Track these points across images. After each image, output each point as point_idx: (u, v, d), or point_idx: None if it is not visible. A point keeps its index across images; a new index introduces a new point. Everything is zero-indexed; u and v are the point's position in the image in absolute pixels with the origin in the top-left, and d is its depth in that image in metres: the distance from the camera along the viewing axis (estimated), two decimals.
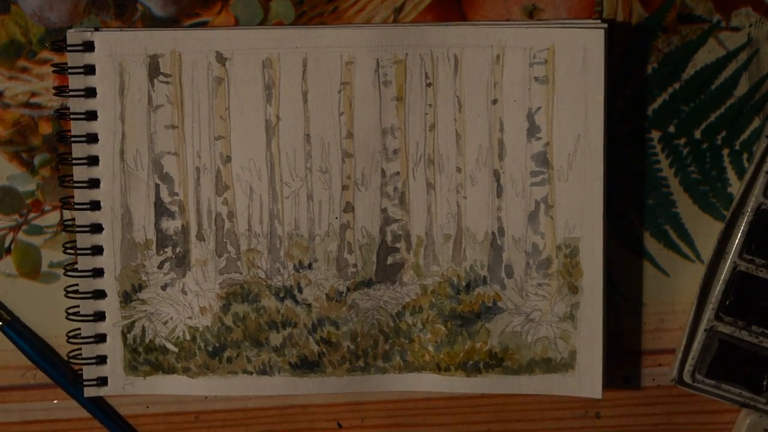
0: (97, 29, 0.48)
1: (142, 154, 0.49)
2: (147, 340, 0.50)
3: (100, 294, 0.50)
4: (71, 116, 0.48)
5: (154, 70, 0.48)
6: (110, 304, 0.50)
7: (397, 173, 0.49)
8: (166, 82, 0.48)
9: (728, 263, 0.48)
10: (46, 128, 0.49)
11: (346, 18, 0.49)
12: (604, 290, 0.49)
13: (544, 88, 0.48)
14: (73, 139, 0.49)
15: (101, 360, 0.50)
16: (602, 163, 0.48)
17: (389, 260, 0.49)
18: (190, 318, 0.50)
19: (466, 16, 0.49)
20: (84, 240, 0.49)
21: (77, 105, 0.48)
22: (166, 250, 0.49)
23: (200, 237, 0.49)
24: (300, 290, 0.50)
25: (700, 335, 0.49)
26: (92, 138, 0.49)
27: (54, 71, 0.49)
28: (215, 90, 0.48)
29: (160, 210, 0.49)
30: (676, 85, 0.50)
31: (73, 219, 0.49)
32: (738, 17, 0.49)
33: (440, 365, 0.50)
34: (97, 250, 0.49)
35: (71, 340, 0.50)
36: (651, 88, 0.50)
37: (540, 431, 0.52)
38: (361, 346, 0.50)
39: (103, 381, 0.50)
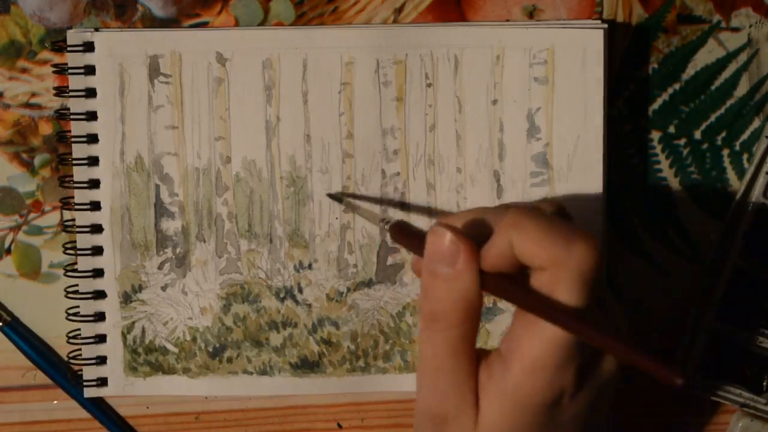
0: (97, 30, 0.48)
1: (142, 154, 0.49)
2: (147, 341, 0.50)
3: (100, 294, 0.50)
4: (71, 117, 0.48)
5: (154, 70, 0.48)
6: (110, 305, 0.50)
7: (398, 174, 0.49)
8: (167, 83, 0.48)
9: (728, 263, 0.48)
10: (46, 129, 0.49)
11: (346, 18, 0.49)
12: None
13: (544, 88, 0.48)
14: (73, 139, 0.49)
15: (101, 360, 0.50)
16: (602, 163, 0.48)
17: (389, 261, 0.49)
18: (190, 318, 0.50)
19: (466, 16, 0.49)
20: (84, 240, 0.49)
21: (77, 105, 0.48)
22: (166, 250, 0.49)
23: (200, 238, 0.49)
24: (300, 290, 0.50)
25: (700, 335, 0.49)
26: (92, 138, 0.49)
27: (54, 72, 0.49)
28: (215, 90, 0.48)
29: (160, 210, 0.49)
30: (676, 86, 0.50)
31: (73, 219, 0.49)
32: (738, 18, 0.49)
33: None
34: (97, 251, 0.49)
35: (71, 340, 0.50)
36: (651, 88, 0.50)
37: None
38: (361, 347, 0.50)
39: (103, 381, 0.50)
